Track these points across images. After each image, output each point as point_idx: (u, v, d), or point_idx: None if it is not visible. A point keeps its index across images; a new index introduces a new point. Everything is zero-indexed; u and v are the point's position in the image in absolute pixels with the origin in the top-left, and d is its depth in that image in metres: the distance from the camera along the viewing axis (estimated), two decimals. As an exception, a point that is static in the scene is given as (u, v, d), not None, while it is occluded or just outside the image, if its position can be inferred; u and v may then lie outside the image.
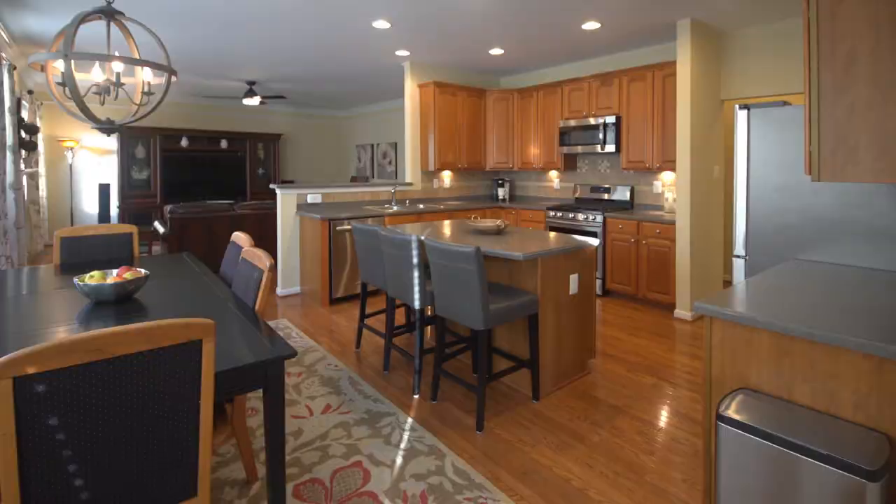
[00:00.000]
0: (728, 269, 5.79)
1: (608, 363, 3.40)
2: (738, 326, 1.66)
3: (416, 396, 2.85)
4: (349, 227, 4.81)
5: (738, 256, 2.89)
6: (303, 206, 5.12)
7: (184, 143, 8.96)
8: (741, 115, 2.87)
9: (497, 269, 3.14)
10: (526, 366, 2.78)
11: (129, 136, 8.50)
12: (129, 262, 3.11)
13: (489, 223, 3.51)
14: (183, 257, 3.22)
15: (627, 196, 5.45)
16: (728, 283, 5.65)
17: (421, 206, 5.80)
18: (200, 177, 9.20)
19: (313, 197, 5.18)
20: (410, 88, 6.04)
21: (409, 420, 2.57)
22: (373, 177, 10.36)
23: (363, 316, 3.53)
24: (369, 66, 6.33)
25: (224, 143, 9.38)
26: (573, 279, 3.04)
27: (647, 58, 5.38)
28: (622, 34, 4.82)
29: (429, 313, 3.76)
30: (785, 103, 2.73)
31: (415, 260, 2.83)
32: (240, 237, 2.79)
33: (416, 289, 2.87)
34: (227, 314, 1.99)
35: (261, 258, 2.18)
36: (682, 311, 4.39)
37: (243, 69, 6.68)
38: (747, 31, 4.48)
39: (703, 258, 4.52)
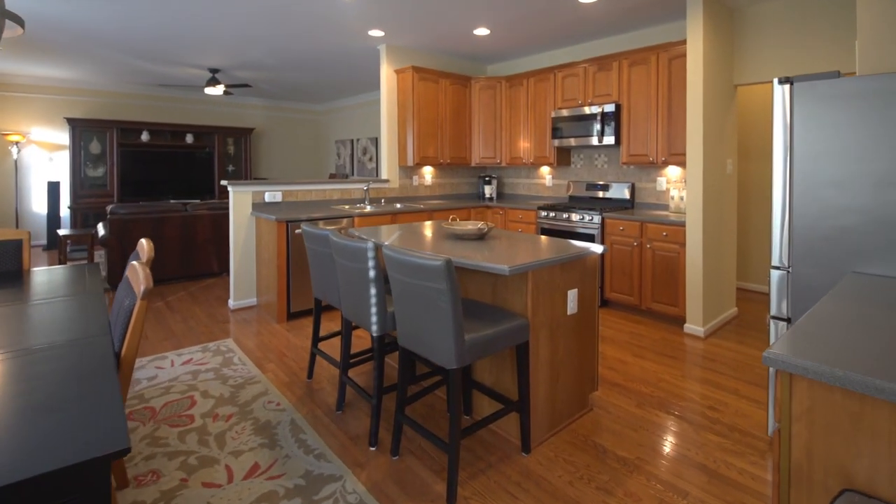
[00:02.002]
0: (744, 275, 5.24)
1: (612, 395, 2.80)
2: (837, 392, 1.07)
3: (372, 449, 2.23)
4: (312, 229, 4.17)
5: (776, 268, 2.31)
6: (260, 206, 4.48)
7: (144, 137, 8.24)
8: (780, 92, 2.30)
9: (477, 285, 2.54)
10: (514, 408, 2.17)
11: (83, 130, 7.78)
12: (16, 275, 2.47)
13: (469, 226, 2.90)
14: (83, 270, 2.57)
15: (627, 194, 4.88)
16: (746, 291, 5.09)
17: (398, 205, 5.18)
18: (163, 174, 8.48)
19: (272, 195, 4.53)
20: (387, 74, 5.42)
21: (360, 488, 1.95)
22: (353, 174, 9.71)
23: (316, 339, 2.90)
24: (341, 50, 5.70)
25: (189, 138, 8.67)
26: (572, 295, 2.45)
27: (650, 39, 4.82)
28: (623, 10, 4.24)
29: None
30: (838, 73, 2.16)
31: (371, 273, 2.22)
32: (142, 246, 2.16)
33: (374, 310, 2.25)
34: (66, 367, 1.35)
35: (138, 279, 1.55)
36: (694, 326, 3.82)
37: (204, 54, 6.01)
38: (761, 7, 3.92)
39: (716, 265, 3.96)
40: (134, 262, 1.71)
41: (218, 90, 6.93)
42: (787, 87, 2.28)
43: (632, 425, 2.48)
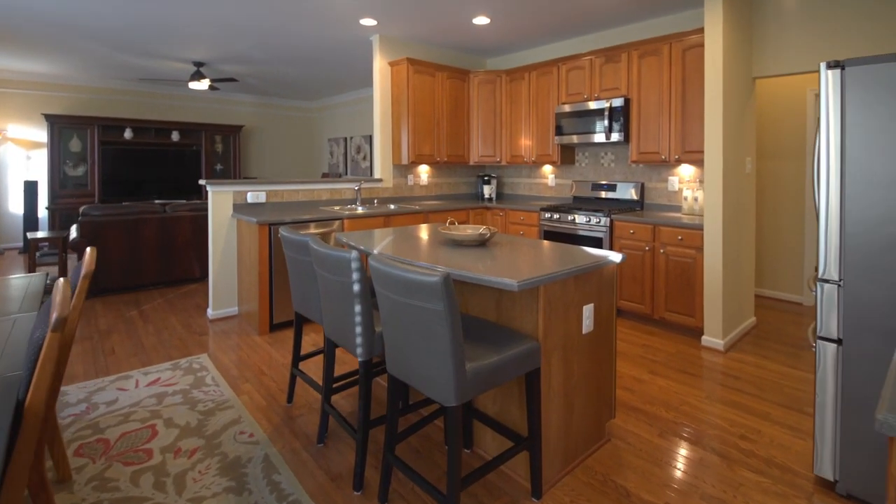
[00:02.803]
0: (759, 281, 4.92)
1: (630, 422, 2.49)
2: None
3: (357, 494, 1.91)
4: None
5: (824, 280, 2.00)
6: (242, 207, 4.14)
7: (127, 134, 7.89)
8: (828, 78, 1.99)
9: (479, 298, 2.22)
10: (523, 447, 1.86)
11: (63, 127, 7.42)
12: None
13: (469, 231, 2.58)
14: (27, 283, 2.24)
15: (635, 194, 4.57)
16: (762, 297, 4.77)
17: (392, 206, 4.86)
18: (147, 174, 8.12)
19: (255, 195, 4.19)
20: (380, 67, 5.09)
21: (340, 547, 1.63)
22: (346, 173, 9.38)
23: (297, 358, 2.58)
24: (331, 41, 5.37)
25: (175, 136, 8.31)
26: (587, 311, 2.13)
27: (661, 29, 4.52)
28: (634, -4, 3.94)
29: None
30: (900, 56, 1.85)
31: (356, 288, 1.89)
32: (85, 257, 1.83)
33: (359, 331, 1.93)
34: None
35: (57, 302, 1.22)
36: (712, 339, 3.51)
37: (187, 46, 5.67)
38: (787, -9, 3.62)
39: (735, 271, 3.66)
40: (59, 280, 1.39)
41: (203, 85, 6.59)
42: (836, 72, 1.97)
43: (655, 459, 2.17)
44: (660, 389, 2.86)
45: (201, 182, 3.98)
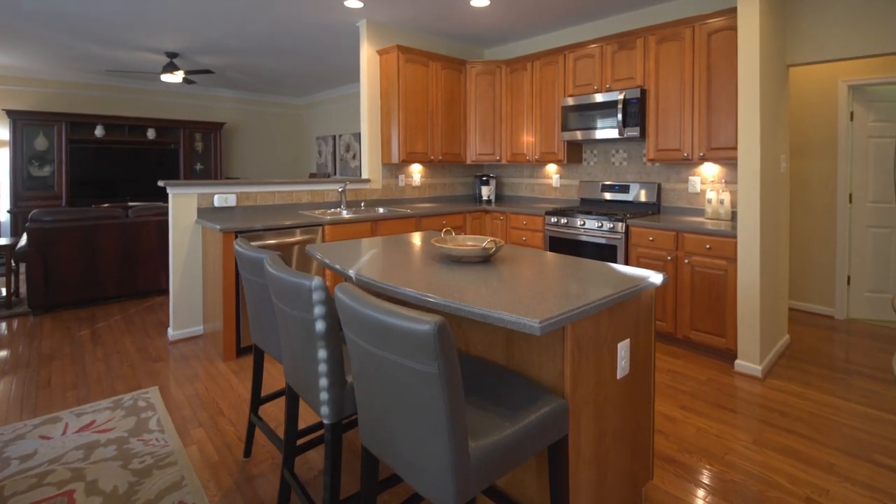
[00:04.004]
0: (794, 293, 4.45)
1: (669, 480, 2.02)
2: None
3: None
4: (273, 241, 3.35)
5: (932, 312, 1.55)
6: (207, 212, 3.64)
7: (98, 132, 7.33)
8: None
9: (483, 334, 1.74)
10: (543, 540, 1.38)
11: (26, 124, 6.86)
12: None
13: (470, 244, 2.11)
14: None
15: (650, 196, 4.11)
16: (797, 312, 4.29)
17: (380, 209, 4.37)
18: (120, 174, 7.57)
19: (223, 198, 3.69)
20: (367, 55, 4.60)
21: None
22: (335, 173, 8.87)
23: (256, 402, 2.09)
24: (313, 27, 4.87)
25: (151, 133, 7.76)
26: (623, 350, 1.66)
27: (680, 12, 4.06)
28: (653, -28, 3.48)
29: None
30: None
31: (319, 327, 1.41)
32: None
33: (324, 383, 1.44)
34: None
35: None
36: (748, 364, 3.05)
37: (157, 35, 5.16)
38: (828, -35, 3.18)
39: (772, 284, 3.20)
40: None
41: (177, 77, 6.07)
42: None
43: (709, 538, 1.70)
44: (697, 431, 2.39)
45: (160, 183, 3.48)
